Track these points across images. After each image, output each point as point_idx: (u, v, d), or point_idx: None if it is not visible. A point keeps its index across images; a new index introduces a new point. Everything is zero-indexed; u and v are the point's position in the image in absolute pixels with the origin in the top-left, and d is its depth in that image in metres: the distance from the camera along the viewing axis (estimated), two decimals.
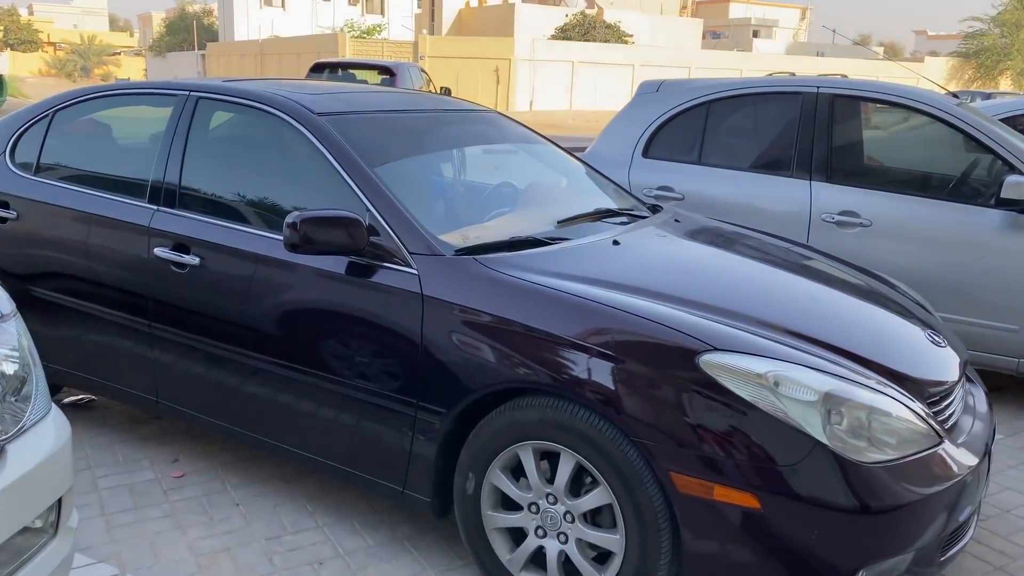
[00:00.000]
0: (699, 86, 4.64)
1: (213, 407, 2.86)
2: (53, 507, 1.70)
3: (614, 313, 2.16)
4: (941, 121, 4.03)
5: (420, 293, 2.35)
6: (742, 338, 2.12)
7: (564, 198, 3.25)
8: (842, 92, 4.25)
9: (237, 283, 2.69)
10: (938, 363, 2.42)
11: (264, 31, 50.63)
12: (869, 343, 2.31)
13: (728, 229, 3.23)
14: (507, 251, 2.46)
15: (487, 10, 41.42)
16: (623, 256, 2.57)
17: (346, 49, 33.79)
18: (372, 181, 2.53)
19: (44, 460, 1.64)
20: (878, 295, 2.78)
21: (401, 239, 2.42)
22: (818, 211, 4.12)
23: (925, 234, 3.95)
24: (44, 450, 1.67)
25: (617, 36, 37.55)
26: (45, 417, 1.73)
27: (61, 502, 1.71)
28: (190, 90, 3.02)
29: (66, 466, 1.73)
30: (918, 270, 3.94)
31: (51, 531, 1.70)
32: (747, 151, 4.52)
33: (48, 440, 1.69)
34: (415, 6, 51.86)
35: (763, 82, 4.54)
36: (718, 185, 4.40)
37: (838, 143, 4.23)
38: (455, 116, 3.34)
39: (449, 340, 2.31)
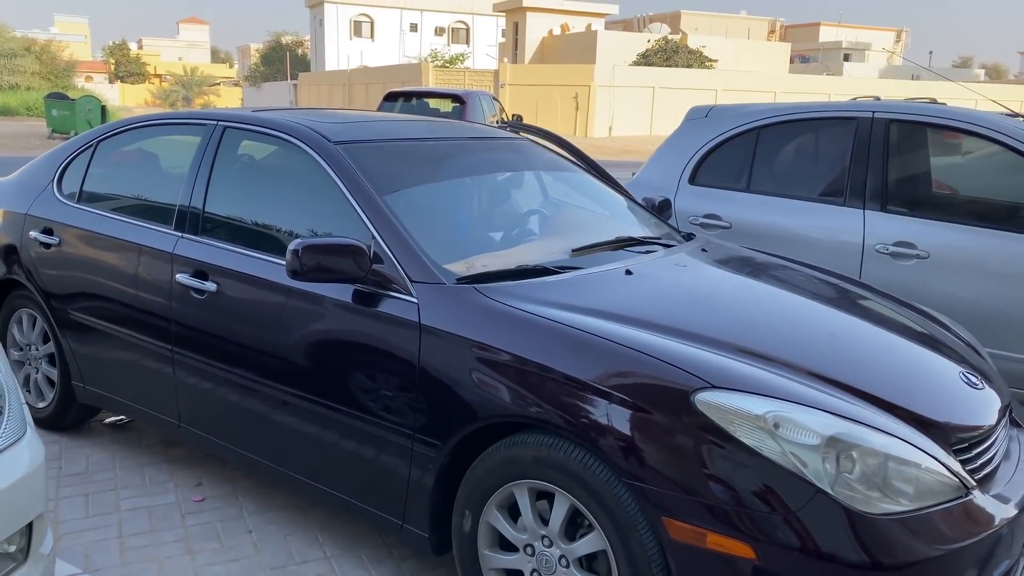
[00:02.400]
0: (749, 111, 4.49)
1: (228, 432, 2.88)
2: (23, 532, 1.71)
3: (609, 346, 2.06)
4: (1005, 146, 3.78)
5: (418, 322, 2.31)
6: (743, 375, 1.99)
7: (586, 227, 3.16)
8: (898, 117, 4.03)
9: (249, 309, 2.71)
10: (972, 406, 2.23)
11: (353, 61, 52.28)
12: (890, 383, 2.15)
13: (758, 259, 3.09)
14: (512, 280, 2.40)
15: (570, 38, 41.62)
16: (633, 286, 2.47)
17: (429, 78, 34.51)
18: (379, 208, 2.51)
19: (13, 483, 1.66)
20: (912, 332, 2.59)
21: (403, 267, 2.39)
22: (872, 242, 3.91)
23: (988, 267, 3.68)
24: (15, 473, 1.68)
25: (700, 61, 37.14)
26: (19, 441, 1.75)
27: (32, 527, 1.73)
28: (218, 119, 3.09)
29: (38, 491, 1.74)
30: (979, 305, 3.68)
31: (21, 557, 1.72)
32: (798, 178, 4.34)
33: (20, 464, 1.71)
34: (499, 35, 52.65)
35: (816, 107, 4.36)
36: (767, 213, 4.23)
37: (894, 170, 4.01)
38: (483, 144, 3.31)
39: (445, 371, 2.26)
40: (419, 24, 57.14)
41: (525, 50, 42.61)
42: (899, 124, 4.04)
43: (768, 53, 43.17)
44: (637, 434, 1.95)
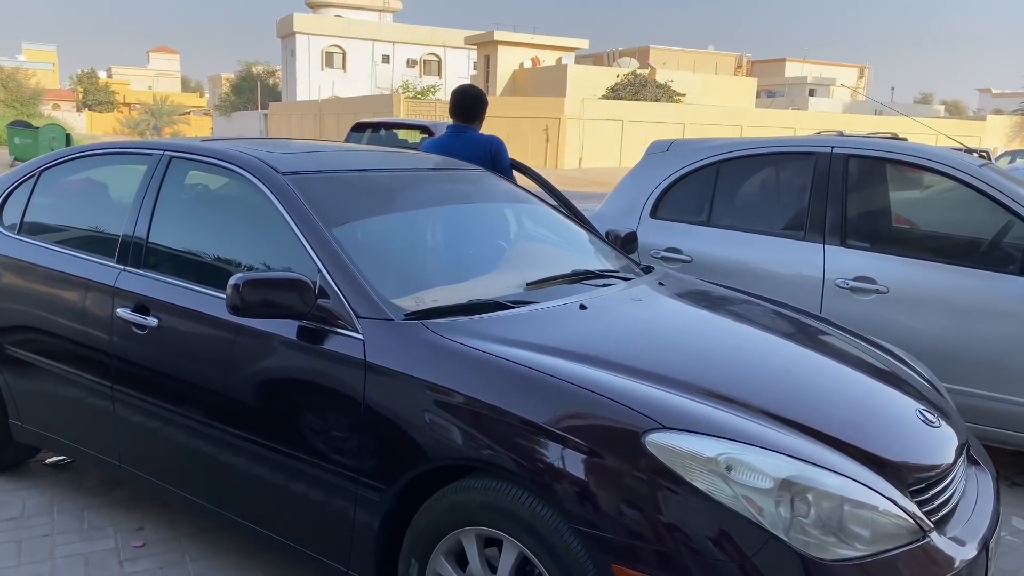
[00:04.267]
0: (710, 146, 4.50)
1: (169, 474, 2.77)
2: None
3: (559, 385, 2.00)
4: (962, 183, 3.80)
5: (363, 360, 2.23)
6: (695, 415, 1.94)
7: (543, 259, 3.11)
8: (857, 152, 4.06)
9: (191, 346, 2.61)
10: (929, 445, 2.19)
11: (324, 92, 52.29)
12: (846, 422, 2.10)
13: (715, 293, 3.05)
14: (463, 315, 2.34)
15: (540, 71, 42.05)
16: (587, 321, 2.42)
17: (400, 109, 34.56)
18: (326, 241, 2.44)
19: None
20: (869, 367, 2.56)
21: (349, 302, 2.31)
22: (832, 276, 3.90)
23: (946, 302, 3.69)
24: None
25: (668, 95, 37.66)
26: None
27: None
28: (164, 149, 3.01)
29: None
30: (938, 341, 3.68)
31: None
32: (758, 213, 4.34)
33: None
34: (471, 68, 53.05)
35: (776, 142, 4.37)
36: (727, 248, 4.22)
37: (853, 205, 4.02)
38: (439, 175, 3.26)
39: (391, 411, 2.17)
40: (391, 56, 57.42)
41: (496, 83, 42.94)
42: (858, 159, 4.06)
43: (735, 88, 43.89)
44: (587, 478, 1.88)
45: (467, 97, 4.47)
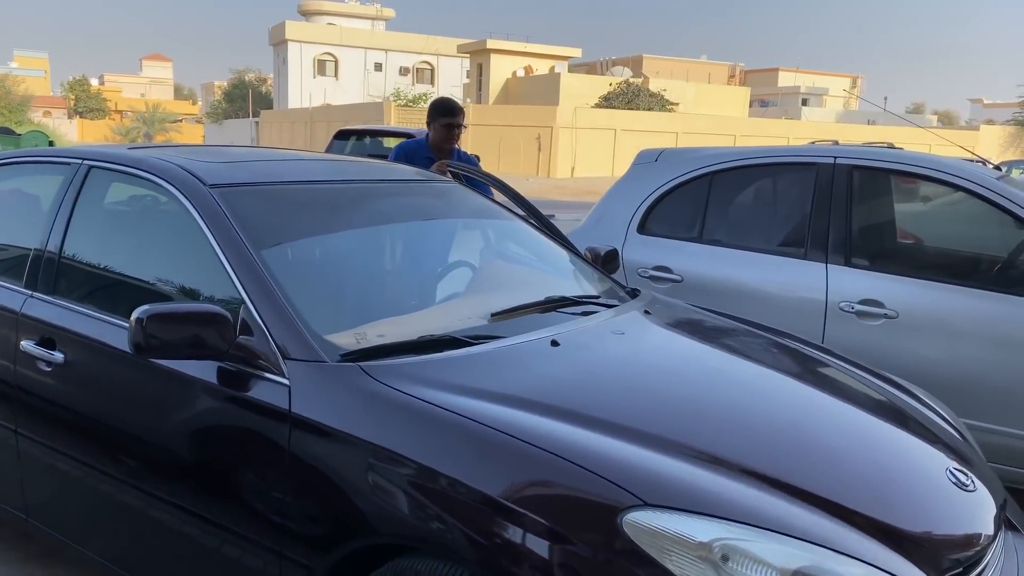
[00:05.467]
0: (702, 155, 4.15)
1: (77, 530, 2.40)
2: None
3: (517, 447, 1.64)
4: (978, 196, 3.46)
5: (288, 410, 1.87)
6: (685, 487, 1.58)
7: (515, 284, 2.75)
8: (862, 163, 3.71)
9: (99, 386, 2.25)
10: (965, 514, 1.84)
11: (316, 99, 51.95)
12: (867, 490, 1.75)
13: (709, 323, 2.70)
14: (410, 355, 1.98)
15: (533, 79, 41.76)
16: (558, 362, 2.06)
17: (391, 117, 34.25)
18: (251, 266, 2.07)
19: None
20: (890, 416, 2.20)
21: (275, 340, 1.95)
22: (835, 299, 3.55)
23: (963, 329, 3.34)
24: None
25: (661, 104, 37.41)
26: None
27: None
28: (83, 158, 2.64)
29: None
30: (954, 372, 3.33)
31: None
32: (754, 228, 4.00)
33: None
34: (464, 76, 52.76)
35: (773, 152, 4.04)
36: (721, 267, 3.87)
37: (858, 221, 3.67)
38: (399, 188, 2.90)
39: (317, 474, 1.81)
40: (383, 64, 57.12)
41: (489, 91, 42.66)
42: (863, 170, 3.72)
43: (728, 97, 43.68)
44: (553, 566, 1.52)
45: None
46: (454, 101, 4.47)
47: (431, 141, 4.37)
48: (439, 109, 4.38)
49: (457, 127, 4.35)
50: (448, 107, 4.40)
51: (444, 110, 4.36)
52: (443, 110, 4.36)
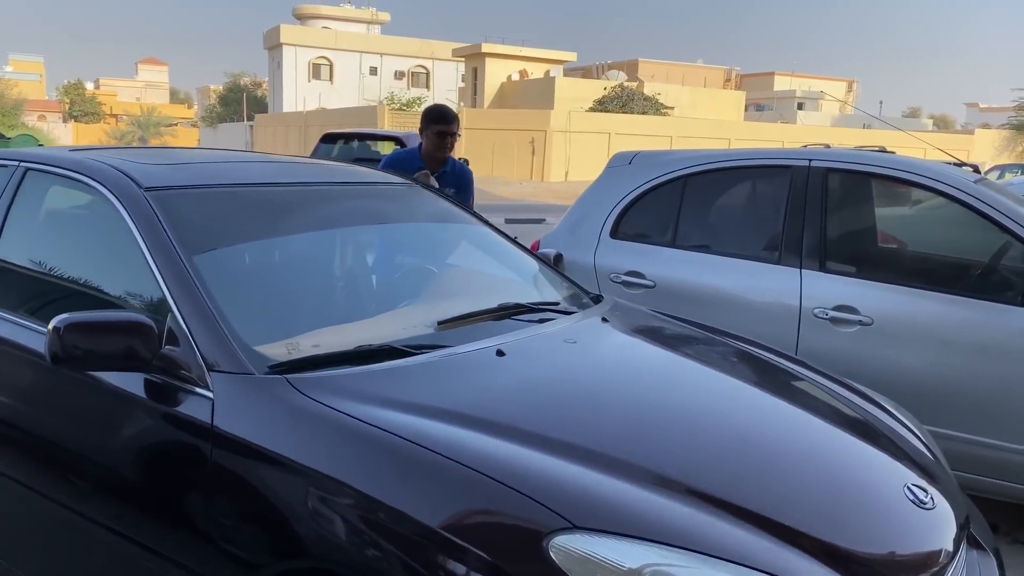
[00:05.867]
0: (676, 158, 4.06)
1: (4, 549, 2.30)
2: None
3: (445, 466, 1.55)
4: (955, 200, 3.38)
5: (210, 426, 1.77)
6: (618, 508, 1.49)
7: (469, 291, 2.66)
8: (837, 166, 3.63)
9: (20, 395, 2.16)
10: (919, 534, 1.74)
11: (311, 103, 51.86)
12: (817, 510, 1.66)
13: (669, 330, 2.61)
14: (345, 366, 1.88)
15: (528, 83, 41.69)
16: (501, 374, 1.97)
17: (385, 121, 34.15)
18: (182, 273, 1.98)
19: None
20: (850, 429, 2.11)
21: (201, 350, 1.86)
22: (810, 305, 3.46)
23: (938, 336, 3.25)
24: None
25: (656, 108, 37.34)
26: None
27: None
28: (20, 159, 2.55)
29: None
30: (929, 380, 3.24)
31: None
32: (728, 233, 3.91)
33: None
34: (459, 80, 52.73)
35: (748, 154, 3.95)
36: (694, 272, 3.77)
37: (834, 224, 3.59)
38: (351, 190, 2.80)
39: (238, 493, 1.72)
40: (379, 68, 57.03)
41: (484, 95, 42.60)
42: (838, 173, 3.63)
43: (724, 101, 43.62)
44: None
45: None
46: (447, 108, 4.26)
47: (423, 150, 4.17)
48: (431, 116, 4.17)
49: (450, 135, 4.12)
50: (440, 114, 4.18)
51: (436, 117, 4.14)
52: (435, 117, 4.15)
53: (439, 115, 4.16)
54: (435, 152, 4.13)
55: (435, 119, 4.14)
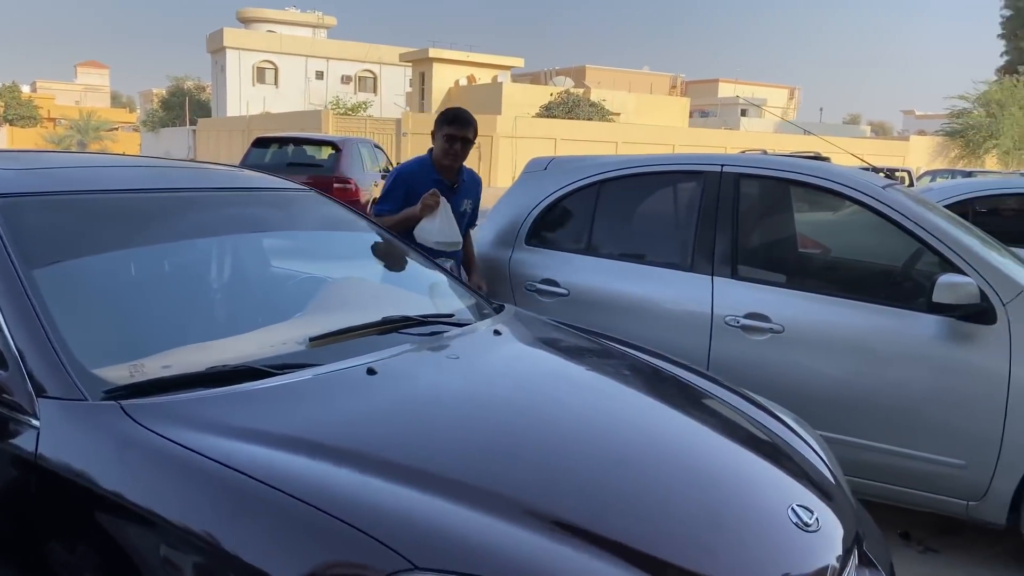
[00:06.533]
0: (591, 163, 3.98)
1: None
2: None
3: (279, 501, 1.41)
4: (864, 206, 3.35)
5: (33, 458, 1.60)
6: (467, 545, 1.37)
7: (359, 303, 2.51)
8: (749, 171, 3.58)
9: None
10: (799, 558, 1.66)
11: (256, 107, 51.02)
12: (687, 537, 1.56)
13: (567, 344, 2.50)
14: (196, 389, 1.73)
15: (476, 88, 41.62)
16: (368, 396, 1.84)
17: (330, 126, 33.72)
18: (14, 287, 1.80)
19: None
20: (743, 446, 2.03)
21: (31, 374, 1.69)
22: (721, 313, 3.40)
23: (849, 344, 3.22)
24: None
25: (602, 114, 37.57)
26: None
27: None
28: None
29: None
30: (840, 388, 3.20)
31: None
32: (642, 239, 3.84)
33: None
34: (407, 85, 52.40)
35: (663, 159, 3.89)
36: (608, 280, 3.69)
37: (746, 231, 3.53)
38: (232, 197, 2.63)
39: (63, 533, 1.55)
40: (325, 72, 56.36)
41: (432, 100, 42.42)
42: (749, 179, 3.58)
43: (669, 107, 44.10)
44: None
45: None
46: (463, 111, 3.83)
47: (435, 156, 3.76)
48: (444, 117, 3.76)
49: (460, 140, 3.68)
50: (452, 115, 3.75)
51: (448, 118, 3.73)
52: (447, 118, 3.74)
53: (451, 117, 3.75)
54: (442, 159, 3.72)
55: (447, 120, 3.73)
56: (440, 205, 3.55)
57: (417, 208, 3.57)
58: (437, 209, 3.54)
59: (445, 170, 3.76)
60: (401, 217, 3.63)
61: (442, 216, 3.55)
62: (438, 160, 3.75)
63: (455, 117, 3.75)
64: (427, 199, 3.56)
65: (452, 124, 3.70)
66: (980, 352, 3.04)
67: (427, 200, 3.56)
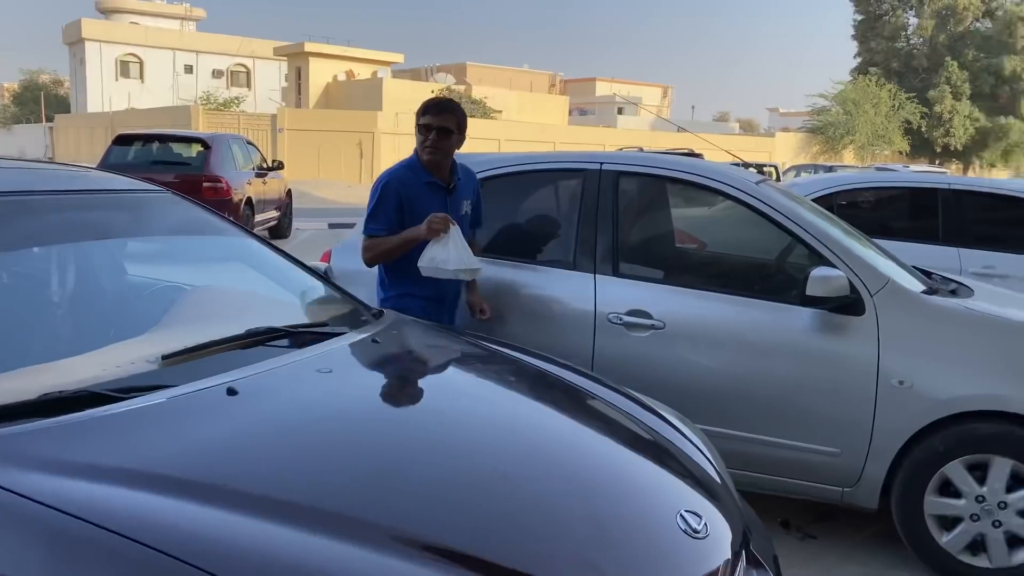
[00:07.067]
0: (471, 161, 3.88)
1: None
2: None
3: (112, 545, 1.24)
4: (739, 202, 3.41)
5: None
6: None
7: (215, 315, 2.31)
8: (627, 169, 3.58)
9: None
10: (689, 568, 1.62)
11: (119, 103, 48.30)
12: (573, 555, 1.49)
13: (450, 351, 2.40)
14: (23, 420, 1.52)
15: (355, 84, 40.82)
16: (223, 418, 1.68)
17: (200, 122, 32.31)
18: None
19: None
20: (630, 452, 1.98)
21: None
22: (604, 311, 3.38)
23: (727, 337, 3.26)
24: None
25: (484, 111, 37.63)
26: None
27: None
28: None
29: None
30: (719, 382, 3.24)
31: None
32: (525, 239, 3.78)
33: None
34: (283, 80, 50.88)
35: (544, 157, 3.84)
36: (490, 281, 3.60)
37: (626, 229, 3.53)
38: (76, 201, 2.37)
39: None
40: (195, 66, 54.01)
41: (309, 96, 41.32)
42: (629, 177, 3.58)
43: (549, 105, 44.67)
44: None
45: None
46: (441, 98, 3.42)
47: (418, 155, 3.32)
48: (421, 107, 3.32)
49: (436, 130, 3.20)
50: (426, 104, 3.31)
51: (421, 108, 3.29)
52: (421, 108, 3.29)
53: (425, 105, 3.31)
54: (421, 153, 3.27)
55: (421, 110, 3.29)
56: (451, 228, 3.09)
57: (423, 230, 3.10)
58: (448, 232, 3.09)
59: (434, 168, 3.27)
60: (401, 241, 3.19)
61: (454, 240, 3.08)
62: (420, 158, 3.28)
63: (429, 104, 3.30)
64: (435, 222, 3.08)
65: (426, 113, 3.24)
66: (850, 343, 3.13)
67: (435, 223, 3.08)
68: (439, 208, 3.21)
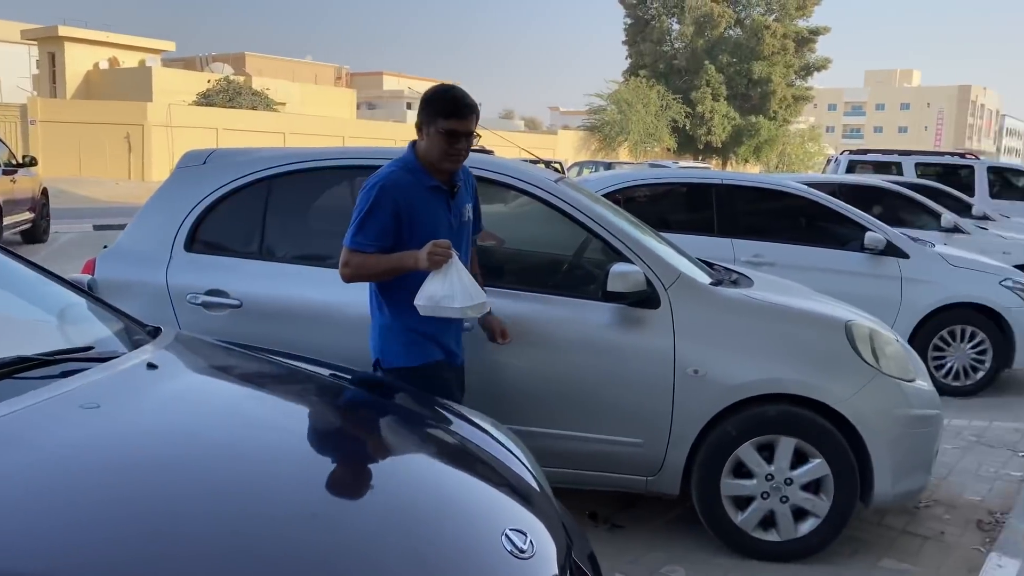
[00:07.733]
0: (259, 157, 3.59)
1: None
2: None
3: None
4: (538, 199, 3.40)
5: None
6: None
7: None
8: None
9: None
10: None
11: None
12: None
13: (242, 372, 2.17)
14: None
15: (120, 73, 37.57)
16: None
17: None
18: None
19: None
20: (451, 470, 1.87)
21: None
22: None
23: (535, 337, 3.24)
24: None
25: (266, 103, 36.02)
26: None
27: None
28: None
29: None
30: (532, 381, 3.23)
31: None
32: (320, 240, 3.56)
33: None
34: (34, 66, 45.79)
35: (334, 153, 3.65)
36: (284, 286, 3.35)
37: None
38: None
39: None
40: None
41: (66, 84, 37.52)
42: None
43: (336, 99, 43.59)
44: None
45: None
46: (460, 93, 2.76)
47: (422, 154, 2.78)
48: (438, 105, 2.71)
49: (464, 136, 2.72)
50: (450, 103, 2.70)
51: (447, 107, 2.69)
52: (446, 107, 2.69)
53: (451, 104, 2.70)
54: (441, 161, 2.74)
55: (443, 112, 2.69)
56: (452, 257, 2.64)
57: (422, 259, 2.63)
58: (448, 264, 2.63)
59: (444, 175, 2.80)
60: (392, 267, 2.72)
61: (457, 271, 2.63)
62: (434, 163, 2.76)
63: (455, 106, 2.70)
64: (437, 253, 2.61)
65: (449, 117, 2.68)
66: (648, 335, 3.22)
67: (437, 254, 2.61)
68: (443, 217, 2.79)
